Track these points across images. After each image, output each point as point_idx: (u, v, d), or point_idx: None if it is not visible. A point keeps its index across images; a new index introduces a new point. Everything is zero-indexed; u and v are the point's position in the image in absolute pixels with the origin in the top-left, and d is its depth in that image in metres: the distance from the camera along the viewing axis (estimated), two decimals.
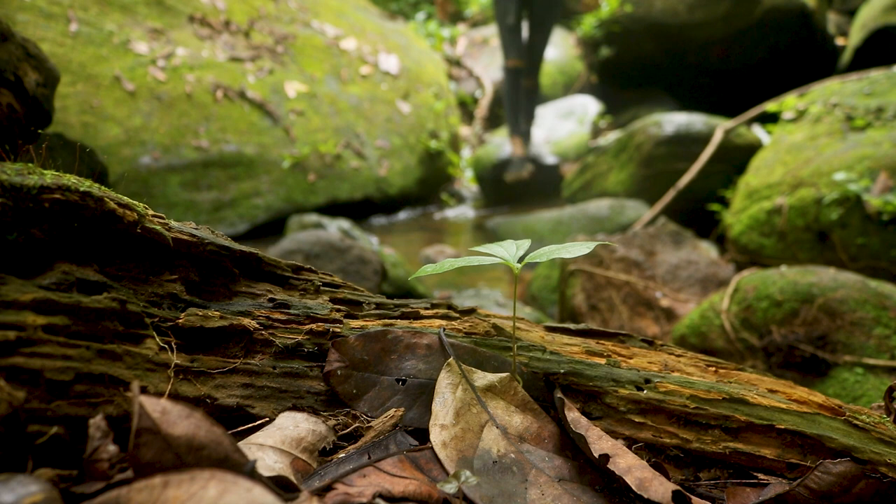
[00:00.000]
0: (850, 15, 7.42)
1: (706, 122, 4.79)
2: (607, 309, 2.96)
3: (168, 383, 0.70)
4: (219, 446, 0.49)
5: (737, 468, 0.81)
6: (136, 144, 5.04)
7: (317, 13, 7.49)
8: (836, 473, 0.71)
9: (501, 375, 0.80)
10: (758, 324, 2.30)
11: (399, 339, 0.84)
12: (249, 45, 6.47)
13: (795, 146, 3.78)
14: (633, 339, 0.99)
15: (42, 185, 0.66)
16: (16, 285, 0.63)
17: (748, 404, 0.85)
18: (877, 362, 2.06)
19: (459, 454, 0.69)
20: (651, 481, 0.66)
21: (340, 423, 0.75)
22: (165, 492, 0.41)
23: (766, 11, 6.50)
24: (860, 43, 6.27)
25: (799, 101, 4.21)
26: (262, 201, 5.37)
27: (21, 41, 1.38)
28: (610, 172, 5.33)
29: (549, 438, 0.75)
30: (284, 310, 0.83)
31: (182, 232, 0.80)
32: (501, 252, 0.85)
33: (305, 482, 0.63)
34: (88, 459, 0.57)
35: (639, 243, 3.28)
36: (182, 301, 0.77)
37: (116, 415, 0.64)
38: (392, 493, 0.61)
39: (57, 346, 0.62)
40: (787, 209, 3.37)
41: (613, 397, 0.83)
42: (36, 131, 1.33)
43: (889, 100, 3.68)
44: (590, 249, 0.82)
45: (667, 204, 4.28)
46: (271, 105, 5.97)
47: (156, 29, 5.87)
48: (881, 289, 2.24)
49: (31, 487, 0.47)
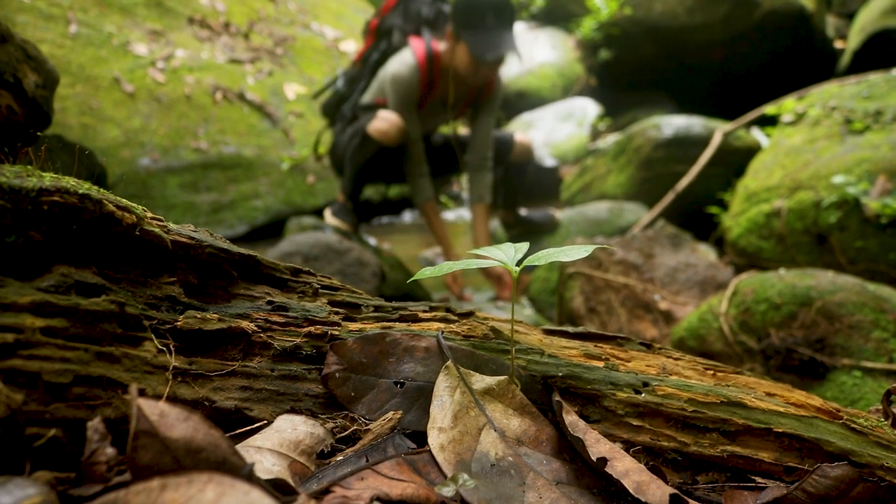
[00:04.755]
0: (849, 18, 7.44)
1: (705, 125, 4.79)
2: (606, 311, 2.96)
3: (166, 386, 0.70)
4: (217, 449, 0.49)
5: (734, 471, 0.81)
6: (136, 146, 5.04)
7: (316, 15, 7.50)
8: (834, 477, 0.71)
9: (499, 378, 0.80)
10: (756, 327, 2.30)
11: (397, 342, 0.84)
12: (249, 46, 6.48)
13: (794, 149, 3.79)
14: (631, 343, 0.99)
15: (41, 188, 0.66)
16: (14, 287, 0.63)
17: (746, 408, 0.85)
18: (875, 365, 2.06)
19: (457, 457, 0.69)
20: (649, 485, 0.66)
21: (338, 426, 0.75)
22: (163, 494, 0.41)
23: (765, 14, 6.51)
24: (859, 46, 6.29)
25: (798, 104, 4.22)
26: (261, 203, 5.37)
27: (20, 42, 1.39)
28: (609, 175, 5.33)
29: (546, 441, 0.75)
30: (283, 312, 0.83)
31: (181, 234, 0.80)
32: (500, 255, 0.85)
33: (303, 485, 0.63)
34: (86, 462, 0.57)
35: (637, 246, 3.29)
36: (180, 303, 0.77)
37: (115, 417, 0.64)
38: (390, 496, 0.61)
39: (55, 349, 0.62)
40: (786, 212, 3.37)
41: (611, 400, 0.83)
42: (35, 133, 1.34)
43: (887, 103, 3.69)
44: (588, 253, 0.82)
45: (665, 206, 4.28)
46: (270, 107, 5.98)
47: (155, 30, 5.87)
48: (879, 292, 2.24)
49: (28, 490, 0.47)
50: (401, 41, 3.97)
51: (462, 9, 3.58)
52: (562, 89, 8.49)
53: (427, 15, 3.97)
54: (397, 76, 3.74)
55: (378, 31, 4.10)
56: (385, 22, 4.06)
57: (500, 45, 3.56)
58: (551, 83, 8.50)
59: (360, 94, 4.10)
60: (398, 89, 3.75)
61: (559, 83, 8.56)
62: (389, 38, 4.04)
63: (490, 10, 3.54)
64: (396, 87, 3.75)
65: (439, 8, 4.00)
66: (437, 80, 3.87)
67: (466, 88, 3.95)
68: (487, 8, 3.53)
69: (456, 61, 3.72)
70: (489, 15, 3.54)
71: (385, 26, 4.06)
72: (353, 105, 4.08)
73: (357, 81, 4.21)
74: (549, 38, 9.12)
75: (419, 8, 3.98)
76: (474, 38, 3.55)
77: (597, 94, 7.92)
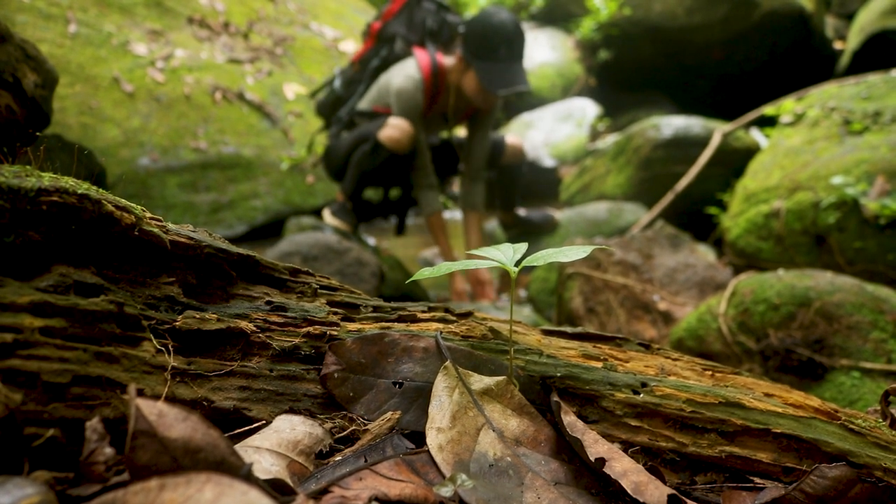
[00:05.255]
0: (849, 19, 7.44)
1: (704, 126, 4.80)
2: (605, 312, 2.96)
3: (165, 386, 0.70)
4: (215, 449, 0.49)
5: (733, 472, 0.81)
6: (135, 146, 5.04)
7: (316, 15, 7.50)
8: (832, 478, 0.71)
9: (498, 379, 0.80)
10: (755, 327, 2.30)
11: (396, 343, 0.84)
12: (248, 46, 6.48)
13: (793, 150, 3.79)
14: (629, 343, 0.99)
15: (40, 188, 0.66)
16: (13, 287, 0.63)
17: (744, 408, 0.85)
18: (873, 366, 2.07)
19: (456, 457, 0.70)
20: (647, 485, 0.66)
21: (337, 426, 0.75)
22: (162, 494, 0.41)
23: (764, 15, 6.51)
24: (858, 47, 6.29)
25: (797, 105, 4.22)
26: (260, 203, 5.37)
27: (20, 42, 1.39)
28: (608, 175, 5.34)
29: (545, 442, 0.75)
30: (282, 313, 0.83)
31: (180, 234, 0.80)
32: (498, 255, 0.85)
33: (302, 485, 0.63)
34: (85, 462, 0.57)
35: (636, 246, 3.29)
36: (179, 304, 0.77)
37: (113, 417, 0.64)
38: (388, 496, 0.61)
39: (54, 349, 0.62)
40: (785, 213, 3.37)
41: (610, 401, 0.83)
42: (34, 133, 1.34)
43: (886, 104, 3.69)
44: (587, 253, 0.82)
45: (665, 207, 4.28)
46: (270, 107, 5.98)
47: (155, 30, 5.87)
48: (878, 292, 2.24)
49: (27, 490, 0.47)
50: (404, 50, 3.94)
51: (475, 39, 3.56)
52: (561, 89, 8.49)
53: (431, 26, 3.94)
54: (402, 91, 3.72)
55: (380, 35, 4.05)
56: (388, 28, 4.01)
57: (513, 80, 3.55)
58: (551, 83, 8.50)
59: (359, 97, 4.07)
60: (404, 104, 3.73)
61: (558, 83, 8.57)
62: (392, 45, 4.00)
63: (503, 43, 3.53)
64: (402, 102, 3.73)
65: (444, 18, 3.96)
66: (440, 95, 3.87)
67: (466, 105, 3.95)
68: (501, 41, 3.52)
69: (463, 84, 3.72)
70: (502, 48, 3.53)
71: (388, 32, 4.01)
72: (349, 109, 4.05)
73: (355, 84, 4.16)
74: (549, 38, 9.13)
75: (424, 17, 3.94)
76: (486, 70, 3.55)
77: (596, 95, 7.93)
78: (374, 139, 3.69)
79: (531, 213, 4.67)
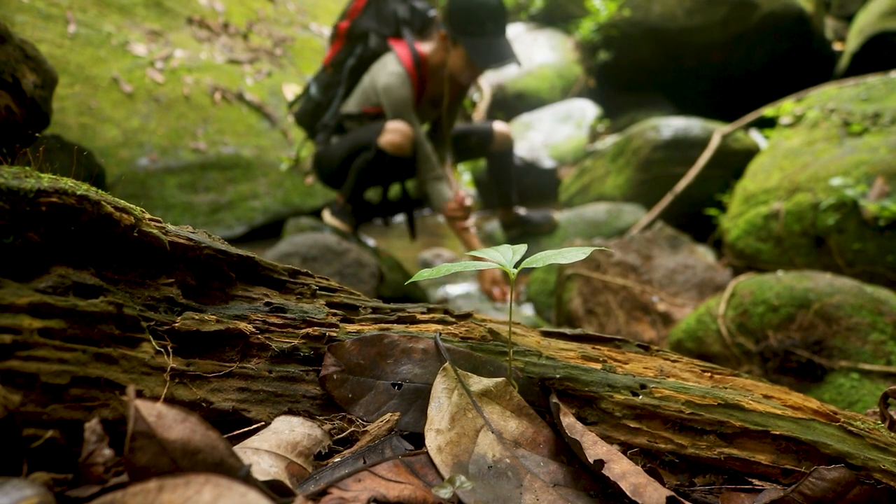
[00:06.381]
0: (848, 20, 7.45)
1: (704, 127, 4.80)
2: (604, 313, 2.96)
3: (164, 387, 0.70)
4: (214, 450, 0.49)
5: (732, 474, 0.81)
6: (134, 146, 5.04)
7: (315, 16, 7.50)
8: (831, 479, 0.71)
9: (497, 380, 0.80)
10: (754, 329, 2.30)
11: (395, 344, 0.84)
12: (248, 47, 6.48)
13: (792, 151, 3.79)
14: (628, 345, 0.99)
15: (39, 189, 0.66)
16: (12, 289, 0.63)
17: (743, 410, 0.85)
18: (872, 368, 2.07)
19: (455, 459, 0.70)
20: (645, 487, 0.66)
21: (336, 428, 0.75)
22: (160, 496, 0.41)
23: (763, 16, 6.52)
24: (857, 48, 6.30)
25: (796, 107, 4.23)
26: (259, 204, 5.37)
27: (19, 42, 1.38)
28: (607, 176, 5.34)
29: (544, 443, 0.75)
30: (281, 314, 0.83)
31: (179, 236, 0.80)
32: (498, 257, 0.85)
33: (300, 486, 0.63)
34: (84, 463, 0.57)
35: (636, 247, 3.29)
36: (178, 305, 0.77)
37: (112, 418, 0.64)
38: (387, 497, 0.61)
39: (53, 350, 0.62)
40: (784, 214, 3.38)
41: (609, 402, 0.83)
42: (33, 133, 1.33)
43: (886, 105, 3.70)
44: (586, 255, 0.82)
45: (664, 208, 4.29)
46: (269, 107, 5.98)
47: (154, 31, 5.87)
48: (877, 294, 2.24)
49: (26, 491, 0.47)
50: (380, 45, 3.90)
51: (461, 16, 3.56)
52: (560, 91, 8.49)
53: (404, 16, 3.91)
54: (389, 88, 3.70)
55: (350, 34, 3.99)
56: (357, 25, 3.96)
57: (502, 54, 3.59)
58: (550, 84, 8.50)
59: (341, 101, 4.02)
60: (394, 103, 3.71)
61: (558, 84, 8.57)
62: (365, 42, 3.96)
63: (489, 18, 3.55)
64: (392, 101, 3.71)
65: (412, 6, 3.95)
66: (426, 83, 3.86)
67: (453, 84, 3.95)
68: (487, 16, 3.54)
69: (450, 62, 3.72)
70: (489, 23, 3.55)
71: (358, 29, 3.96)
72: (335, 114, 4.01)
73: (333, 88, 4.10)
74: (548, 39, 9.13)
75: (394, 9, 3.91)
76: (475, 46, 3.56)
77: (595, 96, 7.93)
78: (375, 147, 3.67)
79: (531, 213, 4.67)
